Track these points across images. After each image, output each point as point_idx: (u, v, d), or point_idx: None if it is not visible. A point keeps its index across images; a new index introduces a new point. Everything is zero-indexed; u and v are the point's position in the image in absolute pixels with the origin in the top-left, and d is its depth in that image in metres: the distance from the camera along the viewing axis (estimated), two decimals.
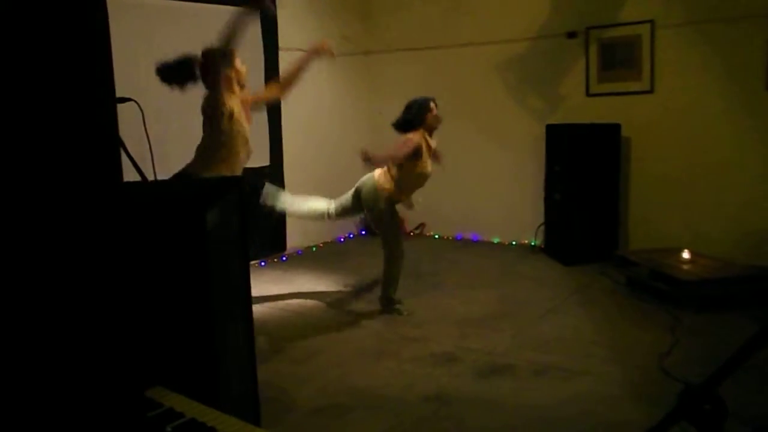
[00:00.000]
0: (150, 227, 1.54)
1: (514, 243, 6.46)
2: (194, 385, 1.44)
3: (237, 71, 3.67)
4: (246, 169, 3.87)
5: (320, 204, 4.67)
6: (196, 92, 5.31)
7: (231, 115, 3.55)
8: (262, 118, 5.93)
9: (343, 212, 4.61)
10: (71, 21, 0.90)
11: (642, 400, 3.02)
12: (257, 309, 4.27)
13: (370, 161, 4.05)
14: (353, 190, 4.52)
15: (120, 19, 4.32)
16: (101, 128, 0.94)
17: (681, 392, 1.09)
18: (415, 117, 4.39)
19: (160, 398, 1.33)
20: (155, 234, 1.57)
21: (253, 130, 5.92)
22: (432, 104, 4.44)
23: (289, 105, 6.09)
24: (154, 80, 4.62)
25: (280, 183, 6.08)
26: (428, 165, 4.41)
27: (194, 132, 5.24)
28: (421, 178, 4.43)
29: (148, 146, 2.57)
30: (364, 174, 4.51)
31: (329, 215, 4.64)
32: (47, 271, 0.89)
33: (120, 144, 1.41)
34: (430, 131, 4.45)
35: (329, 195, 4.78)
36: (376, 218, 4.40)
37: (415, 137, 4.32)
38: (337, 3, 6.79)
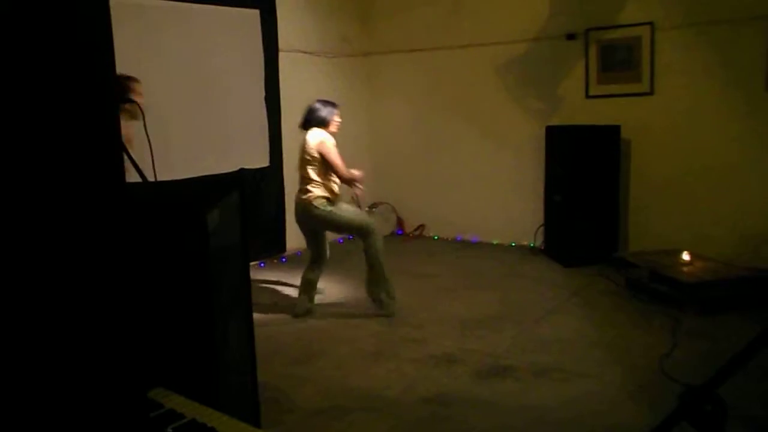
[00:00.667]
0: (150, 228, 1.54)
1: (513, 244, 6.47)
2: (194, 385, 1.44)
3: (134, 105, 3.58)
4: (246, 170, 3.87)
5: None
6: (200, 93, 5.33)
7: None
8: (261, 119, 5.95)
9: (317, 248, 4.58)
10: (73, 21, 0.90)
11: (642, 402, 3.02)
12: (257, 310, 4.27)
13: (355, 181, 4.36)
14: (298, 224, 4.54)
15: (122, 20, 4.32)
16: (103, 129, 0.94)
17: (682, 393, 1.09)
18: (327, 117, 4.44)
19: (161, 399, 1.33)
20: (156, 235, 1.57)
21: (253, 132, 5.98)
22: (337, 111, 4.52)
23: (288, 106, 6.10)
24: (156, 81, 4.61)
25: (279, 183, 6.10)
26: None
27: (195, 133, 5.27)
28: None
29: (149, 147, 2.56)
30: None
31: (315, 261, 4.59)
32: (50, 272, 0.89)
33: (121, 145, 1.41)
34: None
35: None
36: (330, 223, 4.40)
37: (327, 138, 4.37)
38: (336, 4, 6.80)
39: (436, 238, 6.95)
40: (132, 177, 2.03)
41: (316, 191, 4.33)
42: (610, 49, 5.71)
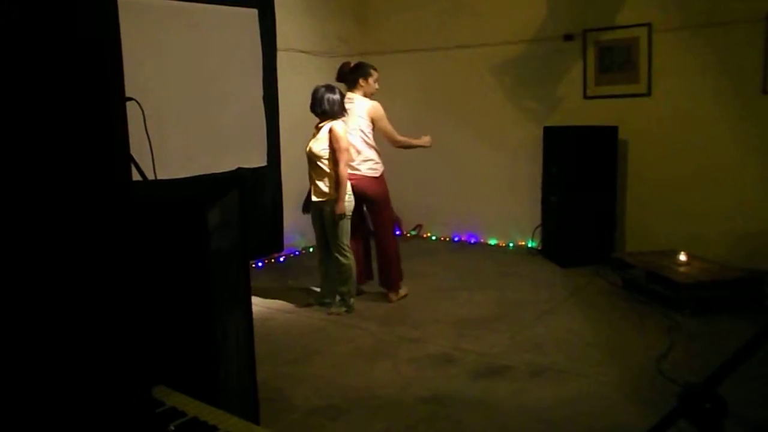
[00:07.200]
0: (151, 227, 1.54)
1: (511, 245, 6.48)
2: (195, 383, 1.44)
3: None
4: (244, 169, 3.87)
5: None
6: (196, 93, 5.30)
7: None
8: (259, 119, 5.94)
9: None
10: (81, 19, 0.91)
11: (638, 402, 3.04)
12: (255, 309, 4.27)
13: None
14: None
15: (123, 18, 4.31)
16: (110, 127, 0.95)
17: (681, 391, 1.10)
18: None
19: (163, 397, 1.33)
20: (156, 233, 1.57)
21: (251, 131, 5.98)
22: None
23: (285, 105, 6.10)
24: (153, 80, 4.61)
25: (277, 183, 6.09)
26: None
27: (193, 132, 5.26)
28: None
29: (148, 145, 2.56)
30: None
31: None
32: (56, 270, 0.89)
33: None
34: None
35: None
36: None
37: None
38: (333, 4, 6.80)
39: (433, 238, 6.96)
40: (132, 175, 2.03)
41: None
42: (607, 50, 5.72)
